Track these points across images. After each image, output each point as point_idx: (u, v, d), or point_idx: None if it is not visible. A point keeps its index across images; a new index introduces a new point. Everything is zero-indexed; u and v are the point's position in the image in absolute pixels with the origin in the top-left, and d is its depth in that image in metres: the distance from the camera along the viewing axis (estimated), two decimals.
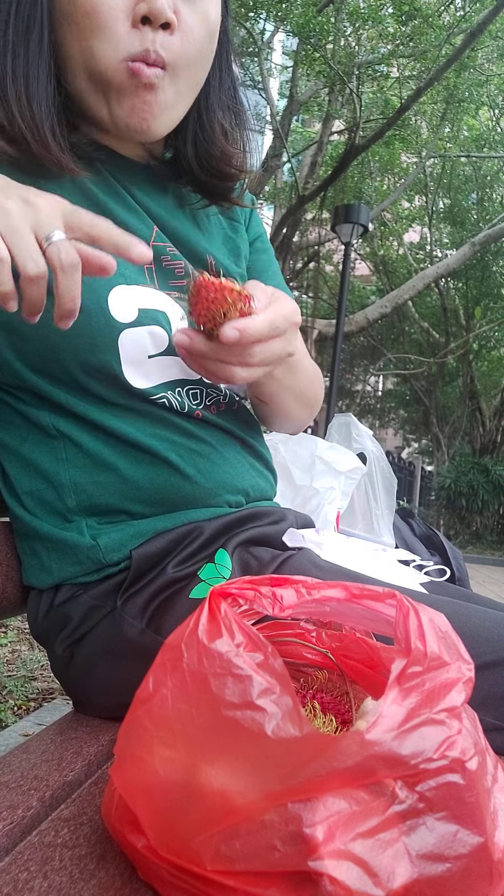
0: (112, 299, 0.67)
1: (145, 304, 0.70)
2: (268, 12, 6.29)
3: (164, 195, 0.78)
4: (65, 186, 0.69)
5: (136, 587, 0.68)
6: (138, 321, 0.69)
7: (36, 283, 0.49)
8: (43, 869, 0.41)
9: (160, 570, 0.68)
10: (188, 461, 0.72)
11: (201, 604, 0.40)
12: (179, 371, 0.72)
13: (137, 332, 0.69)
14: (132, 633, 0.67)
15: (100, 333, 0.67)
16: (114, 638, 0.68)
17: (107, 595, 0.69)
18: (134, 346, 0.68)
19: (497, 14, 5.76)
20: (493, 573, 7.34)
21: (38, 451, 0.71)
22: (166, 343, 0.71)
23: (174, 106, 0.69)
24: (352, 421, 1.45)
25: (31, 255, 0.49)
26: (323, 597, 0.43)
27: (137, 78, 0.64)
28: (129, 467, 0.70)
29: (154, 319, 0.70)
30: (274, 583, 0.42)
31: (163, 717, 0.38)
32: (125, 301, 0.68)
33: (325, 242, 9.59)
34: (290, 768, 0.33)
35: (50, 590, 0.72)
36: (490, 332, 11.41)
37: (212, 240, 0.82)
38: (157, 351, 0.70)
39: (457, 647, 0.41)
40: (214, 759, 0.35)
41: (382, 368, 13.15)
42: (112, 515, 0.70)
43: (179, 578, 0.68)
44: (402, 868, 0.33)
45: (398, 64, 6.92)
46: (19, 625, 2.52)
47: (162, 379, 0.71)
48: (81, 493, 0.70)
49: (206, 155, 0.77)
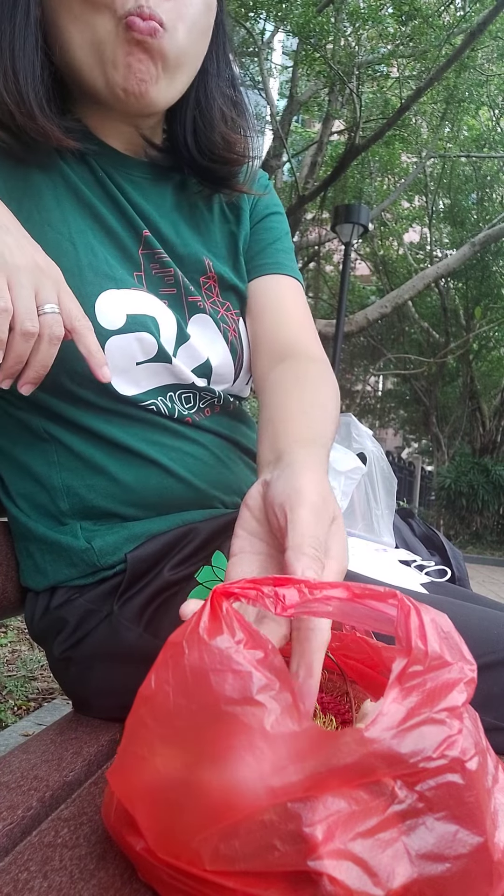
0: (100, 305, 0.65)
1: (134, 309, 0.67)
2: (268, 12, 6.29)
3: (161, 193, 0.75)
4: (56, 184, 0.68)
5: (132, 591, 0.67)
6: (126, 328, 0.66)
7: (27, 340, 0.52)
8: (43, 869, 0.41)
9: (156, 573, 0.68)
10: (180, 464, 0.71)
11: (203, 603, 0.40)
12: (169, 376, 0.71)
13: (125, 339, 0.66)
14: (130, 637, 0.66)
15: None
16: (111, 642, 0.67)
17: (103, 599, 0.68)
18: (121, 354, 0.66)
19: (497, 14, 5.76)
20: (493, 573, 7.34)
21: (29, 453, 0.70)
22: (155, 349, 0.68)
23: (173, 73, 0.64)
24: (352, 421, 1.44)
25: (30, 314, 0.52)
26: (325, 596, 0.43)
27: (131, 32, 0.59)
28: (121, 470, 0.69)
29: (143, 325, 0.67)
30: (276, 582, 0.42)
31: (164, 714, 0.38)
32: (113, 306, 0.66)
33: (325, 242, 9.60)
34: (289, 764, 0.33)
35: (46, 592, 0.71)
36: (490, 332, 11.41)
37: (211, 241, 0.78)
38: (145, 357, 0.68)
39: (459, 647, 0.40)
40: (214, 756, 0.35)
41: (382, 368, 13.15)
42: (105, 518, 0.70)
43: (176, 581, 0.67)
44: (401, 868, 0.33)
45: (398, 64, 6.92)
46: (19, 625, 2.52)
47: (151, 385, 0.70)
48: (74, 496, 0.69)
49: (207, 142, 0.73)
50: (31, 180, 0.66)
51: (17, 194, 0.65)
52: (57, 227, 0.66)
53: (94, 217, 0.69)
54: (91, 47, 0.61)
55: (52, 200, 0.67)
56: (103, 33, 0.60)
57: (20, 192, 0.66)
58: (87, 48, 0.62)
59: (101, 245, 0.68)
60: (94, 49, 0.61)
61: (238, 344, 0.77)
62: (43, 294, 0.53)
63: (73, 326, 0.55)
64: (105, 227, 0.69)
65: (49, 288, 0.54)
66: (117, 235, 0.70)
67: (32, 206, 0.66)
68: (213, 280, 0.77)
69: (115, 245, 0.70)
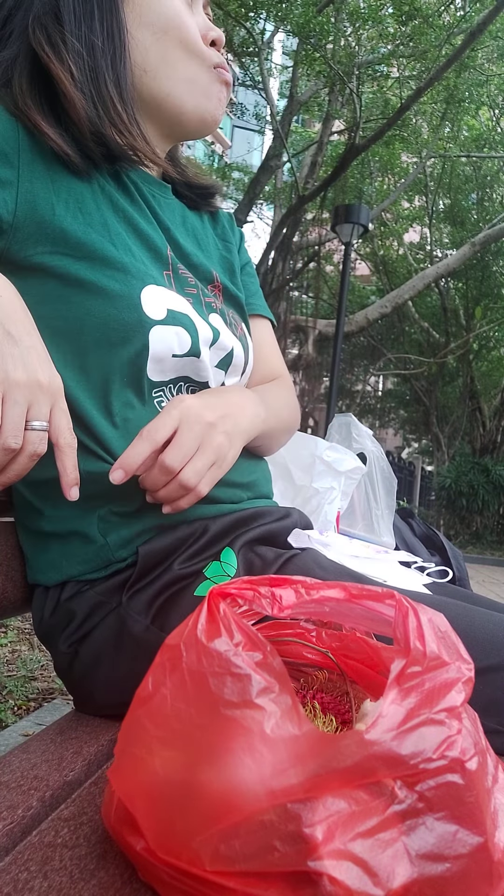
0: (145, 296, 0.69)
1: (173, 306, 0.72)
2: (268, 12, 6.28)
3: (172, 209, 0.84)
4: (95, 191, 0.72)
5: (141, 583, 0.69)
6: (167, 321, 0.71)
7: (7, 455, 0.54)
8: (43, 869, 0.41)
9: (166, 566, 0.69)
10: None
11: (200, 604, 0.40)
12: (191, 370, 0.75)
13: (167, 331, 0.71)
14: (137, 629, 0.67)
15: (132, 328, 0.68)
16: (118, 634, 0.68)
17: (112, 591, 0.70)
18: (163, 345, 0.70)
19: (497, 14, 5.75)
20: (493, 573, 7.34)
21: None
22: (189, 345, 0.72)
23: None
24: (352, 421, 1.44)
25: (17, 431, 0.54)
26: (322, 597, 0.43)
27: (223, 76, 0.79)
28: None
29: (181, 322, 0.72)
30: (273, 583, 0.42)
31: (162, 717, 0.38)
32: (156, 300, 0.70)
33: (325, 242, 9.59)
34: (289, 767, 0.33)
35: (57, 587, 0.72)
36: (490, 332, 11.40)
37: (211, 258, 0.87)
38: (181, 352, 0.72)
39: (456, 646, 0.40)
40: (214, 759, 0.35)
41: (382, 368, 13.14)
42: (118, 506, 0.71)
43: (185, 576, 0.68)
44: (401, 868, 0.33)
45: (398, 64, 6.90)
46: (19, 625, 2.52)
47: (171, 375, 0.73)
48: (90, 484, 0.69)
49: (182, 168, 0.91)
50: (74, 185, 0.70)
51: (63, 195, 0.69)
52: (98, 229, 0.70)
53: (127, 221, 0.74)
54: (184, 81, 0.77)
55: (91, 204, 0.71)
56: (195, 72, 0.77)
57: (66, 193, 0.69)
58: (179, 81, 0.76)
59: (136, 246, 0.73)
60: (185, 81, 0.77)
61: (245, 340, 0.85)
62: (35, 409, 0.56)
63: (58, 443, 0.58)
64: (137, 231, 0.74)
65: (43, 404, 0.57)
66: (149, 238, 0.75)
67: (77, 209, 0.69)
68: (219, 289, 0.85)
69: (146, 246, 0.75)
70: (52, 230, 0.67)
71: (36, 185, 0.67)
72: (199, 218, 0.91)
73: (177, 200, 0.87)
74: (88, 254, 0.68)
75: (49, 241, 0.67)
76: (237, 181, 10.66)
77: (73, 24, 0.70)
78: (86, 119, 0.69)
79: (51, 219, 0.67)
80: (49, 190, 0.68)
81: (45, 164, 0.69)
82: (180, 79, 0.76)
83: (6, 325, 0.57)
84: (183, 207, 0.88)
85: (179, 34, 0.75)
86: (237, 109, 8.53)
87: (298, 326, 9.78)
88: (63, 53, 0.69)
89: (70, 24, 0.70)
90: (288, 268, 8.74)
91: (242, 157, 13.20)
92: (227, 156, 14.97)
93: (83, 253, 0.68)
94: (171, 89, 0.77)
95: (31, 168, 0.68)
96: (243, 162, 11.89)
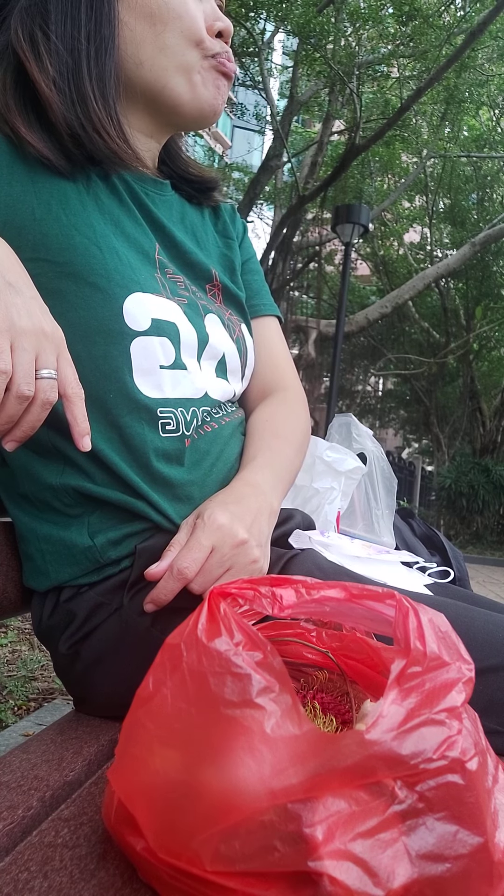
0: (128, 306, 0.68)
1: (159, 314, 0.70)
2: (268, 12, 6.29)
3: (169, 206, 0.81)
4: (80, 191, 0.70)
5: (142, 583, 0.68)
6: (150, 330, 0.69)
7: (21, 403, 0.53)
8: (43, 869, 0.41)
9: None
10: (190, 460, 0.72)
11: (200, 604, 0.40)
12: (190, 388, 0.73)
13: (149, 341, 0.69)
14: (138, 630, 0.67)
15: (112, 339, 0.67)
16: (120, 635, 0.68)
17: (113, 592, 0.69)
18: (145, 355, 0.68)
19: (497, 14, 5.75)
20: (493, 573, 7.34)
21: (36, 459, 0.70)
22: (173, 357, 0.71)
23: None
24: (352, 421, 1.44)
25: (29, 378, 0.53)
26: (322, 597, 0.43)
27: (221, 66, 0.76)
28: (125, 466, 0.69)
29: (165, 331, 0.70)
30: (273, 583, 0.42)
31: (163, 717, 0.38)
32: (140, 309, 0.68)
33: (325, 242, 9.60)
34: (289, 767, 0.33)
35: (54, 589, 0.72)
36: (490, 332, 11.40)
37: (210, 256, 0.85)
38: (167, 363, 0.70)
39: (457, 646, 0.40)
40: (214, 758, 0.35)
41: (382, 368, 13.14)
42: (109, 510, 0.70)
43: None
44: (401, 868, 0.33)
45: (398, 64, 6.90)
46: (19, 625, 2.52)
47: (174, 394, 0.71)
48: (78, 491, 0.69)
49: (181, 163, 0.88)
50: (57, 184, 0.69)
51: (45, 197, 0.67)
52: (83, 230, 0.68)
53: (115, 223, 0.72)
54: (179, 70, 0.74)
55: (77, 205, 0.69)
56: (193, 61, 0.74)
57: (48, 194, 0.68)
58: (175, 71, 0.74)
59: (123, 248, 0.70)
60: (183, 72, 0.74)
61: (243, 342, 0.83)
62: (43, 358, 0.55)
63: (66, 393, 0.57)
64: (125, 233, 0.72)
65: (50, 353, 0.55)
66: (136, 240, 0.73)
67: (60, 210, 0.68)
68: (218, 288, 0.84)
69: (134, 248, 0.72)
70: (33, 235, 0.66)
71: (15, 188, 0.66)
72: (199, 214, 0.88)
73: (176, 196, 0.84)
74: (70, 259, 0.66)
75: (29, 248, 0.65)
76: (237, 181, 10.67)
77: (58, 14, 0.67)
78: (63, 121, 0.67)
79: (31, 224, 0.66)
80: (30, 193, 0.67)
81: (26, 166, 0.67)
82: (178, 69, 0.74)
83: (6, 275, 0.55)
84: (183, 203, 0.85)
85: (181, 24, 0.72)
86: (237, 109, 8.53)
87: (299, 326, 9.79)
88: (41, 49, 0.66)
89: (56, 15, 0.67)
90: (288, 268, 8.75)
91: (242, 158, 13.22)
92: (228, 156, 14.96)
93: (65, 258, 0.66)
94: (167, 81, 0.74)
95: (10, 171, 0.66)
96: (243, 162, 11.90)
